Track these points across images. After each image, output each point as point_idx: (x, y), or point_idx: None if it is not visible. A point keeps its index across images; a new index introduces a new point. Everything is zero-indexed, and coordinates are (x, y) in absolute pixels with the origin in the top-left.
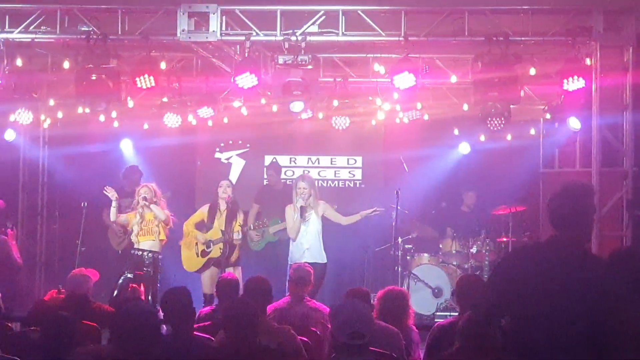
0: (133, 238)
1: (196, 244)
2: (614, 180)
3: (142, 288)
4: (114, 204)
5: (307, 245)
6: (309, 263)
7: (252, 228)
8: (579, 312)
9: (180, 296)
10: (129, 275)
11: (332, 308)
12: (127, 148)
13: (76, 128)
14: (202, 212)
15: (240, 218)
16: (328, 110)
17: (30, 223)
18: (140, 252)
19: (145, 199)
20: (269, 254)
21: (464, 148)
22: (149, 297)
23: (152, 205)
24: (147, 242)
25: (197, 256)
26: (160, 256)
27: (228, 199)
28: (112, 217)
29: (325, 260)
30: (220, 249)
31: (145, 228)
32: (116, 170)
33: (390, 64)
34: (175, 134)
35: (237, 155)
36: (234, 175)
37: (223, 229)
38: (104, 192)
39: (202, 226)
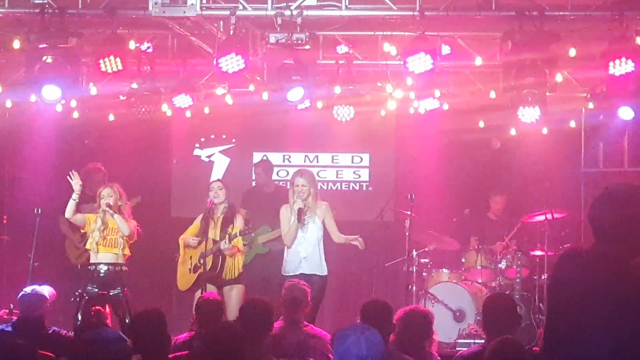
0: (91, 245)
1: (190, 257)
2: None
3: (107, 310)
4: (74, 196)
5: (305, 253)
6: (305, 275)
7: (238, 236)
8: (620, 343)
9: (152, 321)
10: (91, 295)
11: (335, 335)
12: (90, 144)
13: (28, 120)
14: (197, 223)
15: (238, 224)
16: (329, 99)
17: None
18: (101, 267)
19: (109, 205)
20: (258, 268)
21: (494, 143)
22: (126, 320)
23: (115, 216)
24: (107, 255)
25: (190, 272)
26: (126, 268)
27: (210, 203)
28: (68, 213)
29: (325, 273)
30: (200, 263)
31: (108, 237)
32: (76, 170)
33: (403, 43)
34: (147, 127)
35: (221, 152)
36: (216, 176)
37: (218, 239)
38: (68, 177)
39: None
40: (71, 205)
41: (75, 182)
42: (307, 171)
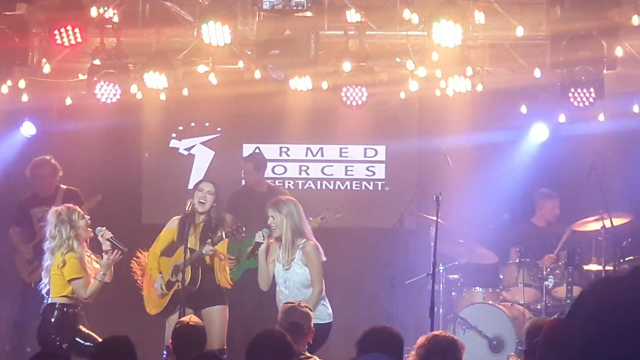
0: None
1: (160, 274)
2: None
3: None
4: (100, 276)
5: (286, 300)
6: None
7: (224, 237)
8: None
9: (119, 350)
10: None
11: None
12: (29, 133)
13: None
14: (170, 229)
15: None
16: (336, 78)
17: None
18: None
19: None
20: (249, 286)
21: (539, 133)
22: None
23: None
24: None
25: (162, 289)
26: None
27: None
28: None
29: (321, 320)
30: (174, 277)
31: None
32: (24, 165)
33: (427, 10)
34: (112, 112)
35: (203, 143)
36: (198, 173)
37: (196, 247)
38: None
39: (172, 251)
40: (93, 287)
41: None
42: (279, 201)
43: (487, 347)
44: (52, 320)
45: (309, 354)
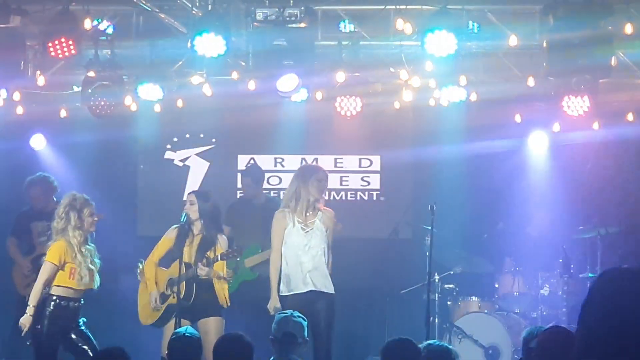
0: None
1: (155, 284)
2: None
3: None
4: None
5: (310, 265)
6: (315, 292)
7: (219, 259)
8: None
9: None
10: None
11: None
12: (39, 146)
13: None
14: (169, 238)
15: (222, 247)
16: (330, 89)
17: None
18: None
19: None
20: (246, 297)
21: (535, 141)
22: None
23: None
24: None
25: (156, 302)
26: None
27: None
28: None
29: (333, 291)
30: (169, 291)
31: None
32: (20, 178)
33: (420, 19)
34: (107, 124)
35: (198, 154)
36: (193, 184)
37: (192, 261)
38: None
39: (168, 261)
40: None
41: None
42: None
43: (483, 356)
44: (44, 312)
45: None
